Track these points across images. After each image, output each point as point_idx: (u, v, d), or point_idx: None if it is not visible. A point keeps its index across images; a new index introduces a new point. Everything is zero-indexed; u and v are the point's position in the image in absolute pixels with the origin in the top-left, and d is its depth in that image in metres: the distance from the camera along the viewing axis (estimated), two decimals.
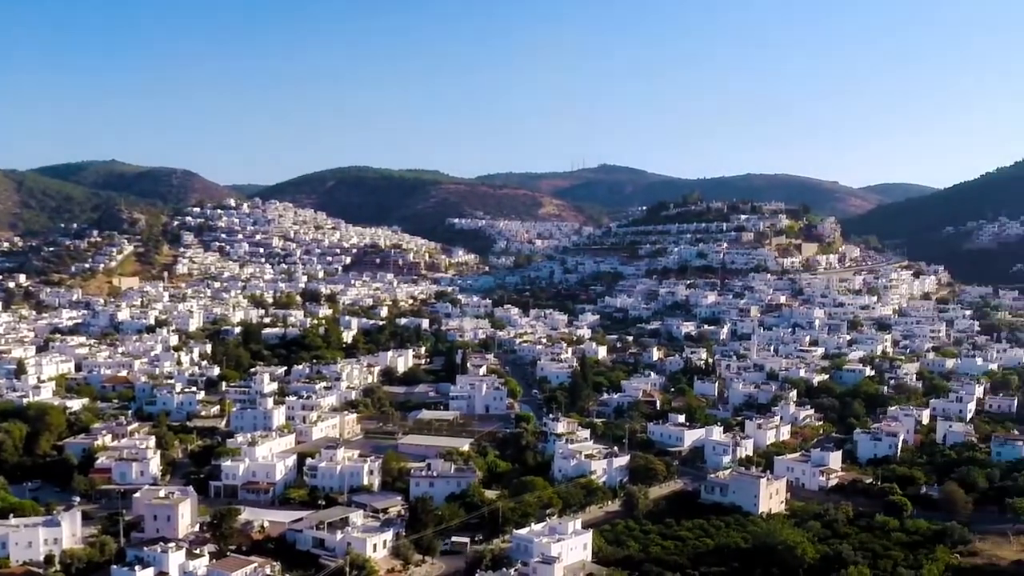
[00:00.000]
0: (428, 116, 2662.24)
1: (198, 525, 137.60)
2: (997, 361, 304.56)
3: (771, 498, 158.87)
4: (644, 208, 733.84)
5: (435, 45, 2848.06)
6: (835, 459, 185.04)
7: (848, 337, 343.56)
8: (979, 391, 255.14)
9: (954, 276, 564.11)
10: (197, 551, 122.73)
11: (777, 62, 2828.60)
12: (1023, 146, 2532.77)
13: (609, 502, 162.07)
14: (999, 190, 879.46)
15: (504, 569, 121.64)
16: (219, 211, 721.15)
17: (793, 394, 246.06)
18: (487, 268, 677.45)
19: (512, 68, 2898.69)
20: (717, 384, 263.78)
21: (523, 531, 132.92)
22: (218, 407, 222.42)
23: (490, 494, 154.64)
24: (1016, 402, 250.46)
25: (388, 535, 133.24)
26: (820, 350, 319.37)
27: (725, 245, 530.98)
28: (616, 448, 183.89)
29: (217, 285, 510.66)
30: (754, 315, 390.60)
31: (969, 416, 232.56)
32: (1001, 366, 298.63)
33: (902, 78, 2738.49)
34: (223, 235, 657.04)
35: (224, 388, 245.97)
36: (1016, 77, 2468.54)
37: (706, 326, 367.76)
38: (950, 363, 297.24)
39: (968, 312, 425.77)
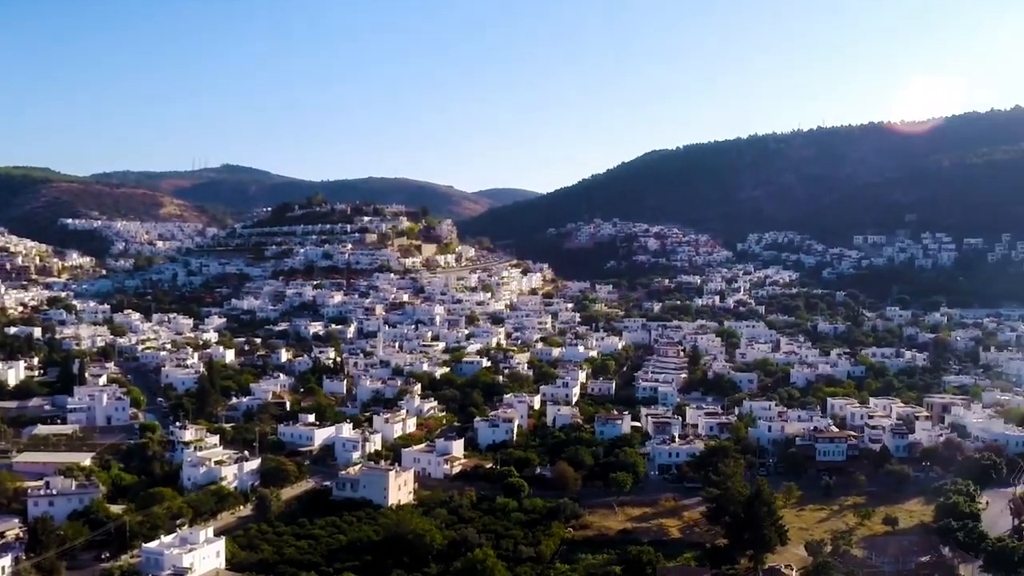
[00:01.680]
0: (36, 108, 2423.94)
1: None
2: (596, 348, 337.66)
3: (400, 489, 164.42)
4: (269, 209, 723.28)
5: (34, 31, 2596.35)
6: (458, 447, 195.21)
7: (466, 331, 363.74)
8: (582, 376, 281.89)
9: (557, 273, 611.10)
10: None
11: (384, 69, 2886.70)
12: (615, 156, 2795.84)
13: (241, 507, 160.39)
14: (594, 195, 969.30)
15: None
16: None
17: (418, 387, 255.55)
18: (104, 271, 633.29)
19: (126, 60, 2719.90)
20: (346, 382, 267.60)
21: (152, 544, 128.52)
22: None
23: (116, 509, 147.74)
24: (614, 385, 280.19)
25: (6, 560, 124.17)
26: (441, 344, 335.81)
27: (350, 246, 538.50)
28: (247, 452, 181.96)
29: None
30: (379, 313, 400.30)
31: (575, 400, 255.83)
32: (600, 353, 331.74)
33: (504, 91, 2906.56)
34: None
35: None
36: (600, 90, 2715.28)
37: (333, 325, 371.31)
38: (556, 352, 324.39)
39: (570, 305, 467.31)
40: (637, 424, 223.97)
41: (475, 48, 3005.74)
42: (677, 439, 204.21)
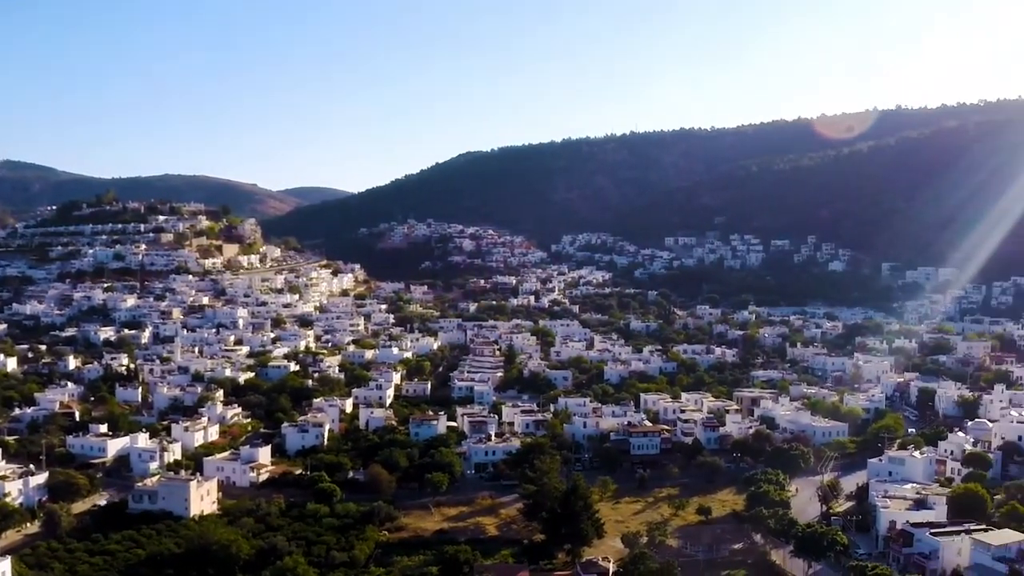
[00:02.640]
0: None
1: None
2: (411, 350, 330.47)
3: (202, 500, 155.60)
4: (54, 208, 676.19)
5: None
6: (265, 454, 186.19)
7: (272, 335, 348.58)
8: (396, 378, 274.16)
9: (370, 273, 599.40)
10: None
11: (179, 59, 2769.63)
12: (429, 156, 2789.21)
13: (28, 524, 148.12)
14: (408, 195, 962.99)
15: None
16: None
17: (220, 394, 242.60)
18: None
19: None
20: (141, 389, 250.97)
21: None
22: None
23: None
24: (429, 385, 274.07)
25: None
26: (245, 349, 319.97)
27: (144, 246, 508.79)
28: (32, 466, 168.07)
29: None
30: (177, 317, 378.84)
31: (389, 401, 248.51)
32: (415, 354, 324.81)
33: (308, 85, 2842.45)
34: None
35: None
36: (406, 90, 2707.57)
37: (126, 330, 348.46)
38: (369, 354, 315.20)
39: (384, 306, 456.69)
40: (453, 424, 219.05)
41: (277, 38, 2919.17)
42: (493, 437, 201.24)
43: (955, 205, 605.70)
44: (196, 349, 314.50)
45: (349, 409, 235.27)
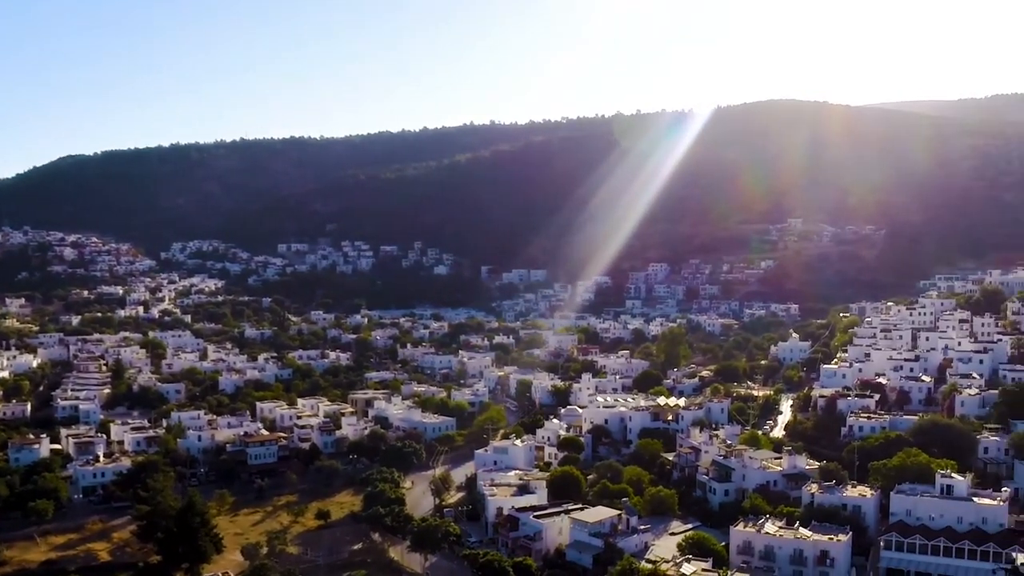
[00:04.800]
0: None
1: None
2: (8, 368, 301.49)
3: None
4: None
5: None
6: None
7: None
8: None
9: None
10: None
11: None
12: (26, 159, 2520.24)
13: None
14: (2, 201, 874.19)
15: None
16: None
17: None
18: None
19: None
20: None
21: None
22: None
23: None
24: (29, 406, 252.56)
25: None
26: None
27: None
28: None
29: None
30: None
31: None
32: (12, 372, 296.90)
33: None
34: None
35: None
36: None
37: None
38: None
39: None
40: (57, 446, 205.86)
41: None
42: (102, 458, 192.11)
43: (543, 212, 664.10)
44: None
45: None
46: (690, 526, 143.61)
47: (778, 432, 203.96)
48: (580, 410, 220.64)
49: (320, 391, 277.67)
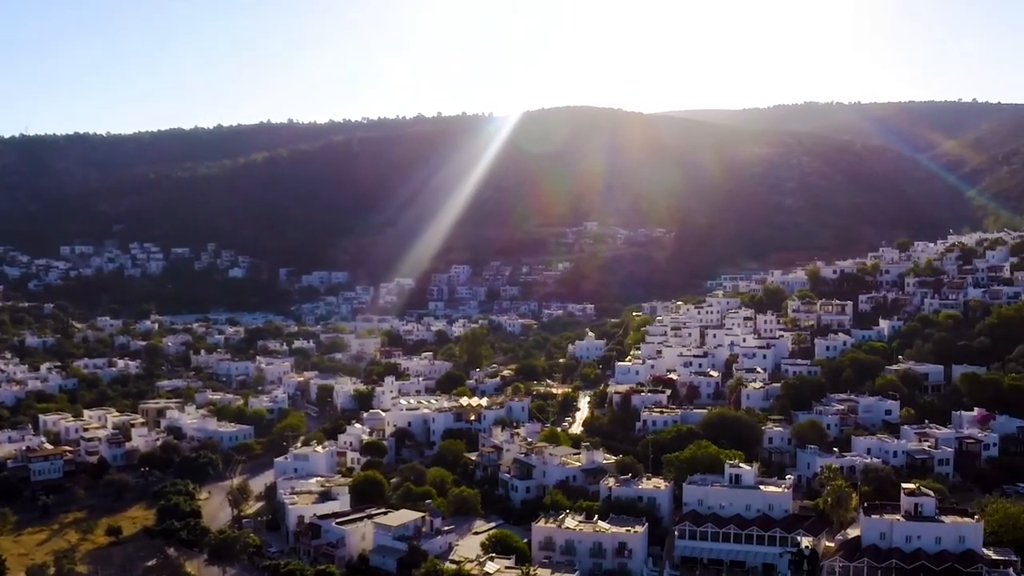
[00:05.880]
0: None
1: None
2: None
3: None
4: None
5: None
6: None
7: None
8: None
9: None
10: None
11: None
12: None
13: None
14: None
15: None
16: None
17: None
18: None
19: None
20: None
21: None
22: None
23: None
24: None
25: None
26: None
27: None
28: None
29: None
30: None
31: None
32: None
33: None
34: None
35: None
36: None
37: None
38: None
39: None
40: None
41: None
42: None
43: (344, 213, 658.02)
44: None
45: None
46: (493, 525, 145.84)
47: (577, 428, 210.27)
48: (383, 413, 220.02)
49: (108, 401, 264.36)
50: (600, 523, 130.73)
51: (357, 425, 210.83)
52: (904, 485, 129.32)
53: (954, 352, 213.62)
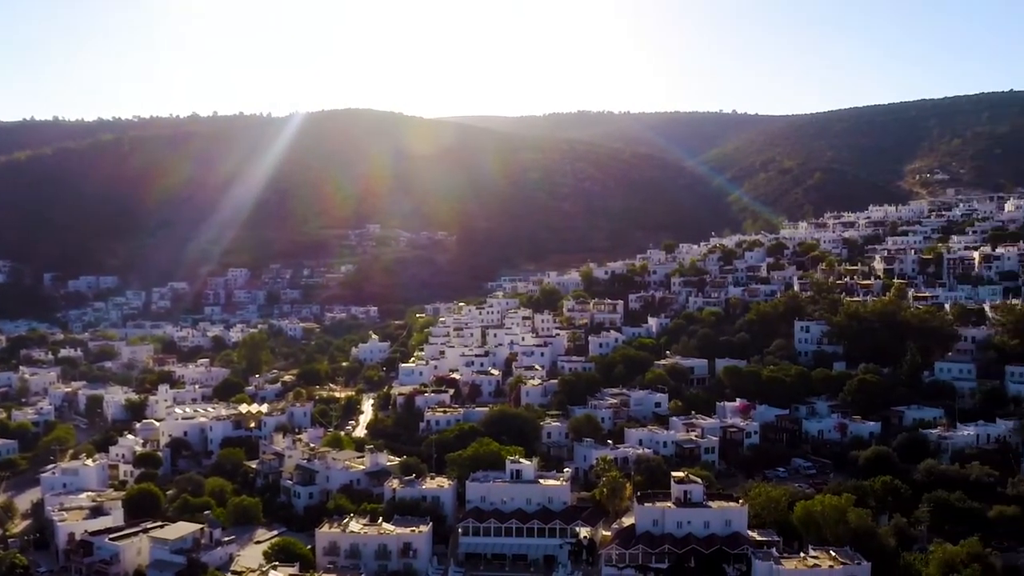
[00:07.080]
0: None
1: None
2: None
3: None
4: None
5: None
6: None
7: None
8: None
9: None
10: None
11: None
12: None
13: None
14: None
15: None
16: None
17: None
18: None
19: None
20: None
21: None
22: None
23: None
24: None
25: None
26: None
27: None
28: None
29: None
30: None
31: None
32: None
33: None
34: None
35: None
36: None
37: None
38: None
39: None
40: None
41: None
42: None
43: (114, 216, 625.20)
44: None
45: None
46: (276, 533, 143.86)
47: (361, 431, 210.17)
48: (157, 423, 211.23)
49: None
50: (385, 525, 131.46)
51: (130, 436, 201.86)
52: (674, 474, 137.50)
53: (717, 347, 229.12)
